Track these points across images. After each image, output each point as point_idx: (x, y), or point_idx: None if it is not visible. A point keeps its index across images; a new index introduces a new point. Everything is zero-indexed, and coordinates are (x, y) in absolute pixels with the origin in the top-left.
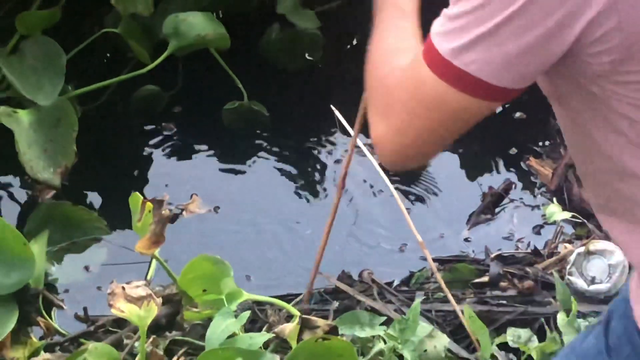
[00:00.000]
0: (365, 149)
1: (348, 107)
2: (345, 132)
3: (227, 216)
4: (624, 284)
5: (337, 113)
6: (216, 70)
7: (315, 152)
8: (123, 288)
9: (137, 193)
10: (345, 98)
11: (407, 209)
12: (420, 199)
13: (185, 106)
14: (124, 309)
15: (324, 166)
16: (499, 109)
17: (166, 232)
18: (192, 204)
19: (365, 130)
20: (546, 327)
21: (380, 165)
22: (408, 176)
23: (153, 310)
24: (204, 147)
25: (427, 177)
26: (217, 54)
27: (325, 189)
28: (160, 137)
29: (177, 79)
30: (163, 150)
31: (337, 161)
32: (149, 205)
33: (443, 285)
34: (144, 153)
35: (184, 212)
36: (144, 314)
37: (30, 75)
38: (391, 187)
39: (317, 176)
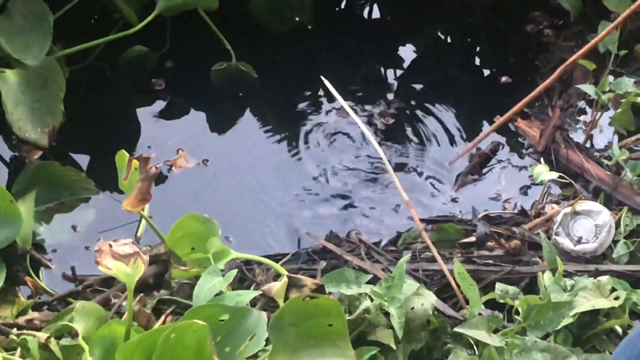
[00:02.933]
0: (352, 113)
1: (335, 68)
2: (331, 97)
3: (214, 175)
4: (610, 244)
5: (326, 82)
6: (204, 31)
7: (302, 113)
8: (110, 246)
9: (123, 151)
10: (333, 60)
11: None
12: (408, 161)
13: (174, 67)
14: (111, 266)
15: (310, 128)
16: (486, 74)
17: (155, 190)
18: (180, 158)
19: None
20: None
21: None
22: (396, 138)
23: (140, 267)
24: (192, 107)
25: (414, 139)
26: (206, 15)
27: (310, 149)
28: (148, 98)
29: (165, 39)
30: (151, 110)
31: (321, 124)
32: (135, 162)
33: (430, 244)
34: (132, 113)
35: (173, 168)
36: (131, 272)
37: (17, 35)
38: (378, 148)
39: (303, 137)
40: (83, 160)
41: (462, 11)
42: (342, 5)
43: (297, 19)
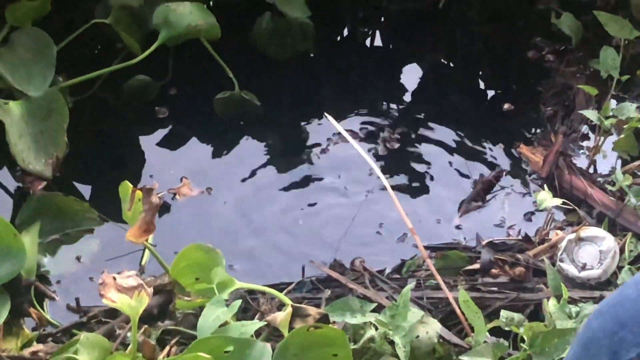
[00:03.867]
0: (354, 142)
1: (338, 95)
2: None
3: (218, 203)
4: (614, 270)
5: (330, 118)
6: (207, 60)
7: (305, 141)
8: (114, 278)
9: (127, 182)
10: (335, 87)
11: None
12: (411, 188)
13: (177, 95)
14: (115, 298)
15: (314, 156)
16: (488, 100)
17: (159, 220)
18: (183, 187)
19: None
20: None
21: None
22: (399, 165)
23: (144, 299)
24: (196, 136)
25: (417, 167)
26: (208, 44)
27: (314, 180)
28: (151, 127)
29: (168, 69)
30: (154, 139)
31: (324, 151)
32: (139, 193)
33: (434, 271)
34: (135, 142)
35: (176, 196)
36: (135, 304)
37: (20, 66)
38: (381, 175)
39: (307, 166)
40: (87, 190)
41: (463, 38)
42: (344, 34)
43: (299, 46)
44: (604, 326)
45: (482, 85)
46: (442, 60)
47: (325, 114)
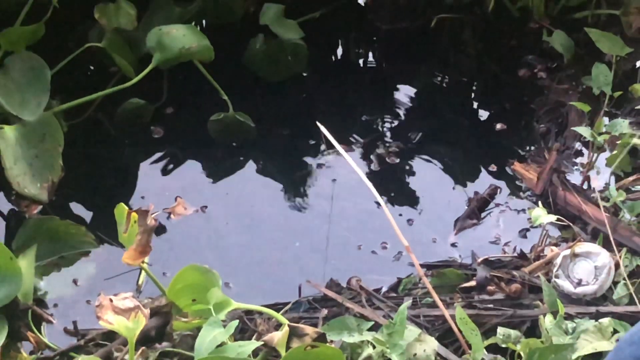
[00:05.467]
0: (350, 160)
1: (332, 116)
2: (329, 143)
3: (213, 223)
4: (610, 285)
5: (322, 128)
6: (201, 82)
7: (300, 161)
8: (111, 300)
9: (122, 204)
10: (329, 108)
11: (394, 216)
12: (407, 207)
13: (171, 118)
14: (111, 320)
15: (310, 177)
16: (482, 118)
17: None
18: (178, 206)
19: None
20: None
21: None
22: (394, 183)
23: (141, 321)
24: (190, 158)
25: (412, 185)
26: (202, 66)
27: (309, 200)
28: (146, 149)
29: (162, 91)
30: (149, 163)
31: (319, 171)
32: (134, 215)
33: (431, 289)
34: (131, 165)
35: (171, 215)
36: (132, 326)
37: (15, 91)
38: (377, 195)
39: (302, 187)
40: (82, 213)
41: (455, 56)
42: (338, 54)
43: (292, 67)
44: (635, 355)
45: (475, 103)
46: (435, 79)
47: (318, 123)
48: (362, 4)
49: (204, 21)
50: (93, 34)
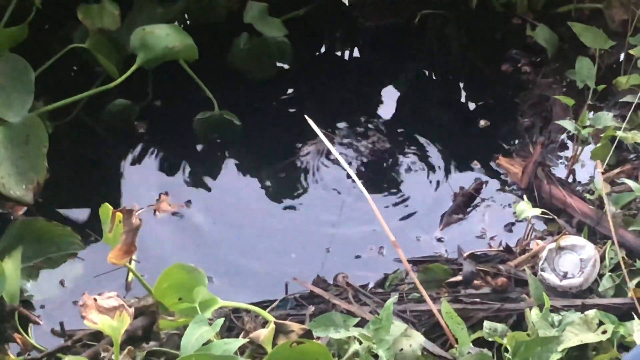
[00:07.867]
0: (337, 154)
1: (317, 113)
2: (316, 141)
3: (199, 221)
4: (595, 277)
5: (311, 122)
6: (186, 81)
7: (288, 159)
8: (95, 299)
9: (107, 204)
10: (315, 104)
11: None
12: (392, 202)
13: (157, 118)
14: (96, 320)
15: (297, 173)
16: (466, 112)
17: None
18: (163, 202)
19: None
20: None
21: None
22: (380, 178)
23: (125, 320)
24: (176, 157)
25: (398, 180)
26: (186, 65)
27: (295, 196)
28: (132, 149)
29: (147, 91)
30: (135, 163)
31: (305, 168)
32: (119, 215)
33: (418, 284)
34: (116, 165)
35: (156, 212)
36: (116, 325)
37: None
38: (363, 189)
39: (289, 183)
40: (68, 214)
41: (440, 51)
42: (322, 50)
43: (277, 65)
44: None
45: (460, 98)
46: (420, 74)
47: (306, 116)
48: (346, 2)
49: (187, 20)
50: (77, 35)
